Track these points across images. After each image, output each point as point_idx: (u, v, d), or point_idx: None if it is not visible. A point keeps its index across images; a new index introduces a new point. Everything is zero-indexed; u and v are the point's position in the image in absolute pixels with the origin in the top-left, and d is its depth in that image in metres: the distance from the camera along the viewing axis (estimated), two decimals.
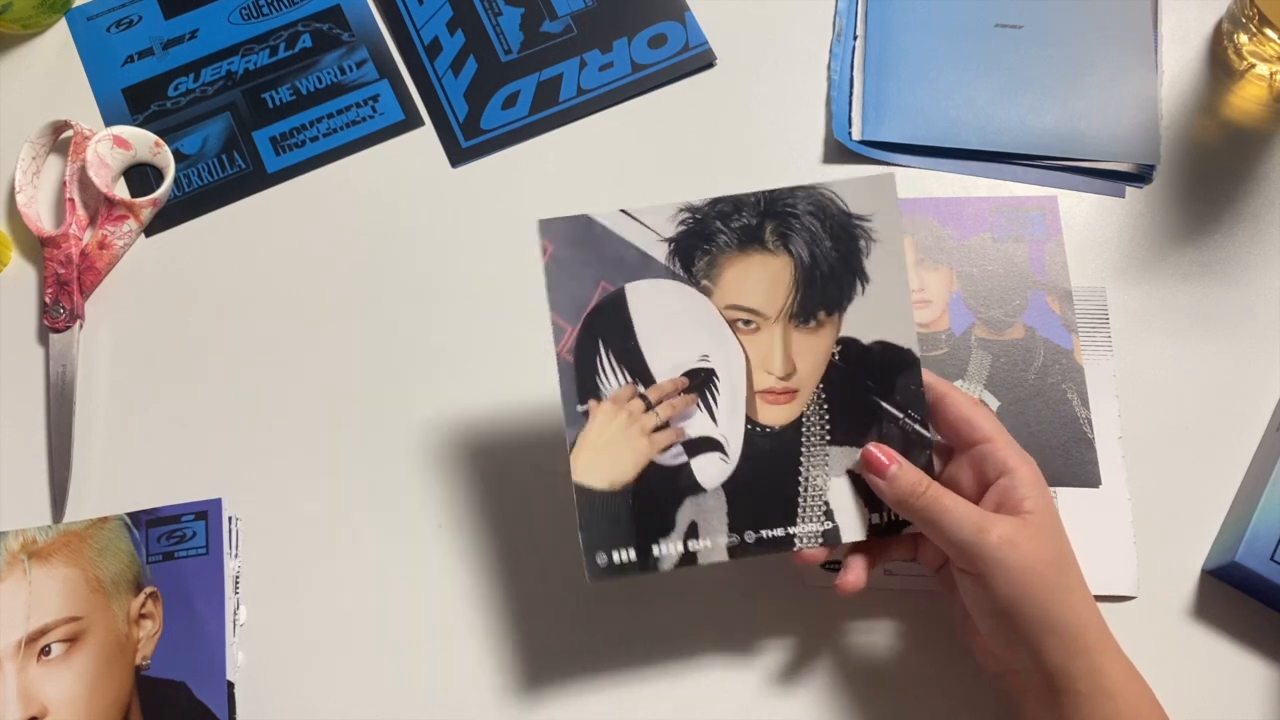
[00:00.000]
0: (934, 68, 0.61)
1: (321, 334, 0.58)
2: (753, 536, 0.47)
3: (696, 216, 0.48)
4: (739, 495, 0.48)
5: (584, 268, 0.48)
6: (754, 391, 0.48)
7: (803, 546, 0.47)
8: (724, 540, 0.47)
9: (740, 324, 0.48)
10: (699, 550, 0.47)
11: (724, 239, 0.48)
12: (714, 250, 0.48)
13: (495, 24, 0.64)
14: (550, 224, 0.48)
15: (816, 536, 0.47)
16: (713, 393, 0.48)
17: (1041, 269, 0.57)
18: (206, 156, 0.62)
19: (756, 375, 0.48)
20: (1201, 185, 0.59)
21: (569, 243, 0.48)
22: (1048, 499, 0.45)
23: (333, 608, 0.53)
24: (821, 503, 0.48)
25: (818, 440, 0.48)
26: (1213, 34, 0.62)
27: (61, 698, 0.50)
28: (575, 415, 0.47)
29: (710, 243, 0.48)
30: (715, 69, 0.63)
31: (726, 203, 0.48)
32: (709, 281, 0.48)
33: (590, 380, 0.48)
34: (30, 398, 0.57)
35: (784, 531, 0.47)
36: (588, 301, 0.48)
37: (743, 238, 0.48)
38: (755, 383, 0.48)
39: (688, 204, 0.48)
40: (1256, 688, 0.50)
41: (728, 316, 0.48)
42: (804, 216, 0.48)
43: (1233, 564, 0.49)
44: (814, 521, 0.48)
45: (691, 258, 0.48)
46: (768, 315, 0.48)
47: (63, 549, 0.53)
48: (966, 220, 0.58)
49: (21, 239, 0.61)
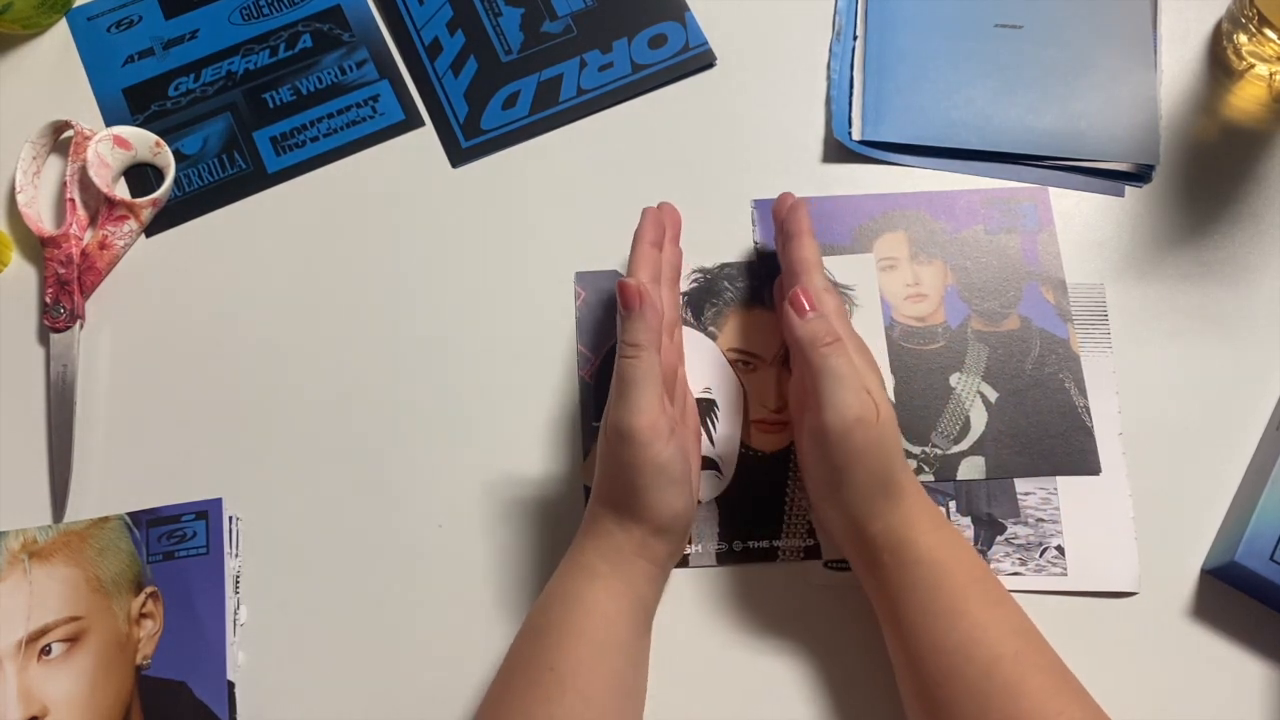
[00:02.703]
0: (934, 68, 0.61)
1: (321, 334, 0.58)
2: (740, 546, 0.53)
3: (707, 276, 0.57)
4: (730, 509, 0.53)
5: (609, 311, 0.57)
6: (750, 420, 0.54)
7: (784, 559, 0.52)
8: (713, 547, 0.53)
9: (740, 364, 0.55)
10: (691, 554, 0.53)
11: (730, 295, 0.57)
12: (720, 304, 0.57)
13: (495, 24, 0.64)
14: (585, 276, 0.58)
15: (799, 551, 0.52)
16: (713, 419, 0.54)
17: (1035, 260, 0.57)
18: (207, 157, 0.62)
19: (753, 407, 0.55)
20: (1201, 185, 0.59)
21: (599, 290, 0.57)
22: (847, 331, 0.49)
23: (333, 608, 0.53)
24: (804, 521, 0.53)
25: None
26: (1212, 34, 0.62)
27: (62, 697, 0.50)
28: (592, 429, 0.54)
29: (718, 298, 0.57)
30: (715, 69, 0.63)
31: (733, 267, 0.57)
32: (715, 328, 0.56)
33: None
34: (30, 398, 0.58)
35: (768, 544, 0.53)
36: (610, 338, 0.56)
37: (745, 296, 0.57)
38: (751, 413, 0.54)
39: (700, 266, 0.57)
40: (1255, 688, 0.50)
41: (730, 357, 0.55)
42: None
43: (1232, 564, 0.49)
44: (796, 537, 0.53)
45: (702, 309, 0.56)
46: (764, 358, 0.55)
47: (63, 549, 0.53)
48: (959, 213, 0.58)
49: (22, 239, 0.61)
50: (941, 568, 0.45)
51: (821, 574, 0.52)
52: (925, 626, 0.44)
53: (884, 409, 0.46)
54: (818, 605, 0.52)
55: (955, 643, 0.43)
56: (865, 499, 0.45)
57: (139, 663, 0.51)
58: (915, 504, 0.46)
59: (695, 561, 0.52)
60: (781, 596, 0.52)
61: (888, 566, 0.45)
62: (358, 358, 0.58)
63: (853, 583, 0.51)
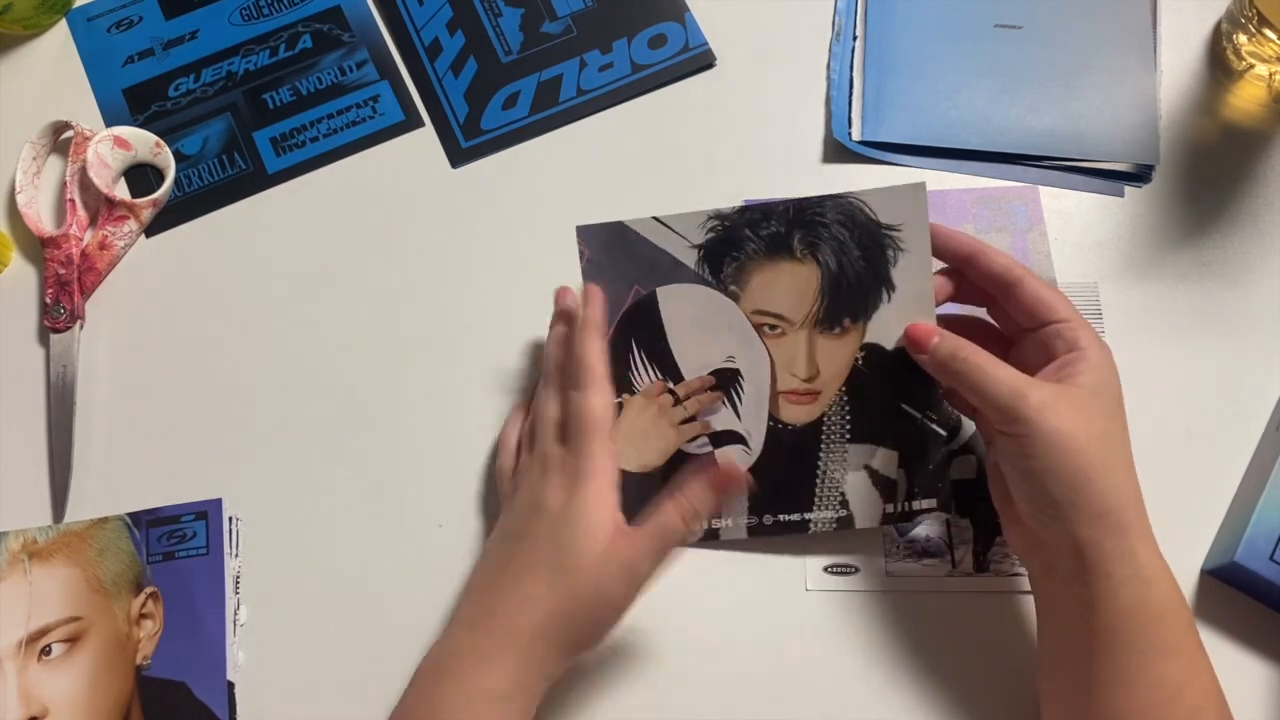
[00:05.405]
0: (933, 68, 0.61)
1: (322, 334, 0.58)
2: (770, 519, 0.51)
3: (726, 224, 0.50)
4: (759, 483, 0.51)
5: (618, 271, 0.50)
6: (777, 391, 0.50)
7: (816, 530, 0.50)
8: (744, 520, 0.51)
9: (766, 328, 0.50)
10: (721, 528, 0.51)
11: (752, 246, 0.49)
12: (742, 257, 0.50)
13: (495, 24, 0.64)
14: (586, 230, 0.50)
15: (831, 522, 0.50)
16: (738, 391, 0.50)
17: (1025, 258, 0.57)
18: (207, 157, 0.62)
19: (781, 377, 0.50)
20: (1200, 185, 0.59)
21: (604, 247, 0.50)
22: (1109, 380, 0.45)
23: (333, 608, 0.53)
24: (838, 493, 0.51)
25: (838, 438, 0.51)
26: (1211, 34, 0.62)
27: (62, 698, 0.50)
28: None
29: (739, 250, 0.49)
30: (715, 69, 0.63)
31: (756, 211, 0.49)
32: (736, 287, 0.50)
33: (624, 375, 0.51)
34: (30, 398, 0.58)
35: (800, 516, 0.51)
36: (622, 303, 0.51)
37: (771, 246, 0.49)
38: (779, 383, 0.50)
39: (717, 211, 0.49)
40: (1256, 688, 0.49)
41: (754, 321, 0.50)
42: (832, 225, 0.49)
43: (1232, 564, 0.49)
44: (829, 509, 0.50)
45: (720, 264, 0.50)
46: (794, 321, 0.50)
47: (63, 549, 0.53)
48: (949, 212, 0.58)
49: (22, 239, 0.61)
50: (1167, 597, 0.42)
51: (820, 578, 0.52)
52: (1136, 651, 0.41)
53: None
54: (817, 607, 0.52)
55: (1164, 679, 0.41)
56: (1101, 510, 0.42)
57: (139, 663, 0.51)
58: (1144, 522, 0.43)
59: (726, 535, 0.51)
60: (780, 598, 0.52)
61: (1114, 578, 0.41)
62: (358, 357, 0.58)
63: (850, 589, 0.51)
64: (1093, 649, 0.42)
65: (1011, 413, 0.43)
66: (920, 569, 0.51)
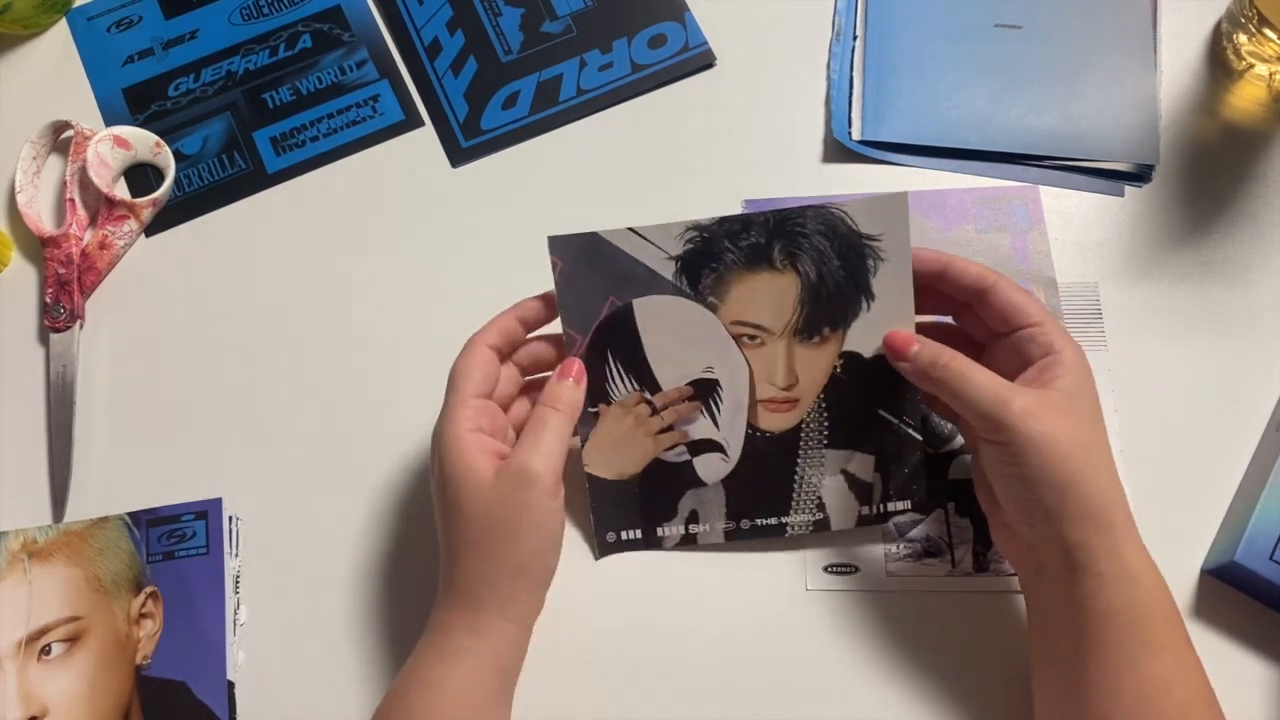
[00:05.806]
0: (934, 68, 0.61)
1: (322, 333, 0.58)
2: (748, 524, 0.52)
3: (704, 235, 0.49)
4: (737, 489, 0.52)
5: (592, 283, 0.49)
6: (756, 400, 0.51)
7: (793, 534, 0.52)
8: (721, 525, 0.52)
9: (746, 338, 0.50)
10: (699, 533, 0.52)
11: (731, 257, 0.49)
12: (721, 268, 0.49)
13: (495, 24, 0.64)
14: (559, 240, 0.49)
15: (808, 525, 0.52)
16: (716, 400, 0.51)
17: (1025, 258, 0.57)
18: (207, 157, 0.62)
19: (759, 386, 0.50)
20: (1201, 185, 0.59)
21: (577, 259, 0.49)
22: (1086, 382, 0.45)
23: (333, 608, 0.53)
24: (815, 497, 0.51)
25: (815, 444, 0.51)
26: (1212, 34, 0.62)
27: (62, 697, 0.50)
28: (587, 415, 0.51)
29: (717, 261, 0.49)
30: (715, 69, 0.63)
31: (735, 221, 0.49)
32: (715, 298, 0.49)
33: (600, 386, 0.51)
34: (30, 398, 0.58)
35: (777, 520, 0.52)
36: (597, 315, 0.50)
37: (750, 256, 0.49)
38: (758, 392, 0.50)
39: (695, 223, 0.49)
40: (1256, 688, 0.49)
41: (733, 331, 0.50)
42: (813, 236, 0.49)
43: (1232, 564, 0.49)
44: (806, 512, 0.51)
45: (698, 275, 0.49)
46: (773, 331, 0.50)
47: (63, 549, 0.53)
48: (949, 212, 0.58)
49: (22, 239, 0.61)
50: (1155, 595, 0.42)
51: (819, 578, 0.52)
52: (1127, 648, 0.41)
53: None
54: (816, 608, 0.52)
55: (1154, 675, 0.41)
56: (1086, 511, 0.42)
57: (139, 663, 0.51)
58: (1129, 521, 0.44)
59: (704, 540, 0.52)
60: (780, 598, 0.52)
61: (1103, 577, 0.42)
62: (358, 357, 0.58)
63: (850, 588, 0.51)
64: (1083, 647, 0.42)
65: (995, 420, 0.43)
66: (920, 569, 0.51)
